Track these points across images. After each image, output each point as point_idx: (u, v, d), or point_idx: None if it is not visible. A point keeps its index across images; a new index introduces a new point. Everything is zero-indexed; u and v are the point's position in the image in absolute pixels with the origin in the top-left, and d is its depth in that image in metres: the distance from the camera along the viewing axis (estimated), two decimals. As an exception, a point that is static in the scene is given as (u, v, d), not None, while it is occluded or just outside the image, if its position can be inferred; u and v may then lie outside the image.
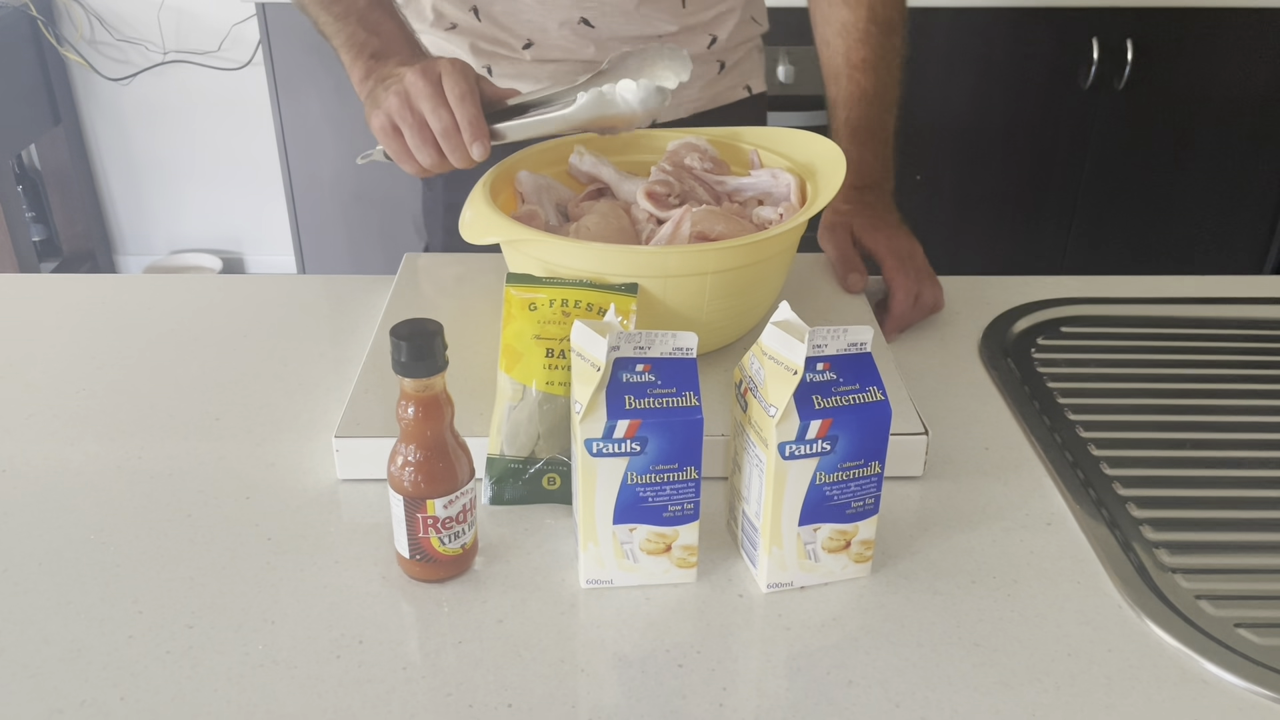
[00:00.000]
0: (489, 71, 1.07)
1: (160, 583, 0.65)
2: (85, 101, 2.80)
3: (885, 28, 1.06)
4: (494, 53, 1.06)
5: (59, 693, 0.57)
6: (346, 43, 0.90)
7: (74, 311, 0.97)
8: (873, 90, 1.05)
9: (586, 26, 1.04)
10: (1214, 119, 2.38)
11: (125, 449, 0.77)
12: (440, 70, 0.81)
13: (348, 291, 1.02)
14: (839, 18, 1.07)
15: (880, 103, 1.05)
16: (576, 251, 0.75)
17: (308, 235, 2.63)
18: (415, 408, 0.61)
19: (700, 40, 1.10)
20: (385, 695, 0.57)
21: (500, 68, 1.07)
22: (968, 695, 0.58)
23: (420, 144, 0.82)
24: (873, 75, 1.05)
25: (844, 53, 1.06)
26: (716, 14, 1.11)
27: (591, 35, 1.05)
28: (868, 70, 1.05)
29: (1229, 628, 0.62)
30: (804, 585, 0.65)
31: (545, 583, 0.65)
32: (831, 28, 1.07)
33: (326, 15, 0.91)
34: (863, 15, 1.05)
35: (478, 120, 0.81)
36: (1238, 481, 0.76)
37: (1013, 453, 0.79)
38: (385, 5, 0.92)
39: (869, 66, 1.05)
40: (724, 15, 1.11)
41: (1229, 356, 0.92)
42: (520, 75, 1.07)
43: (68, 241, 2.90)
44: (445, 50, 1.09)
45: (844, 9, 1.06)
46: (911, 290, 0.94)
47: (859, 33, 1.05)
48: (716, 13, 1.11)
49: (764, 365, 0.62)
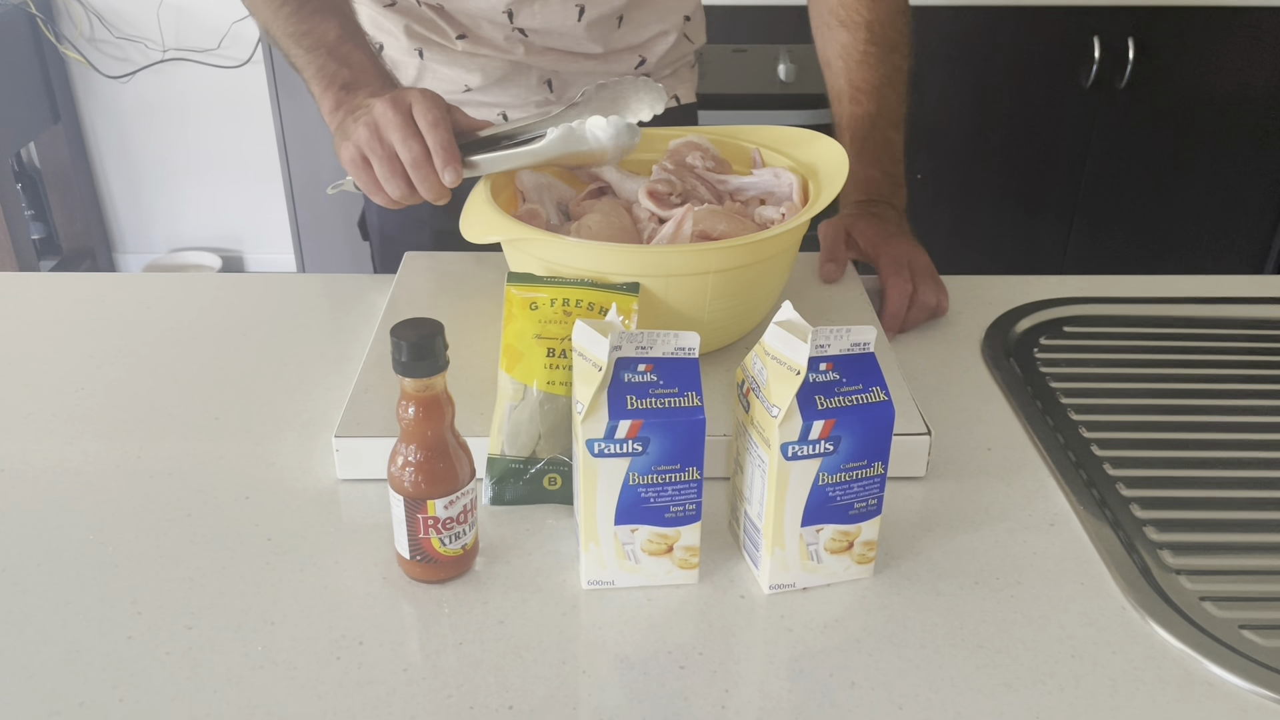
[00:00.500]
0: (420, 55, 1.07)
1: (159, 583, 0.64)
2: (85, 99, 2.80)
3: (885, 48, 1.06)
4: (427, 38, 1.06)
5: (57, 694, 0.57)
6: (316, 75, 0.89)
7: (73, 310, 0.97)
8: (876, 110, 1.05)
9: (520, 35, 1.04)
10: (1215, 118, 2.37)
11: (124, 448, 0.77)
12: (411, 100, 0.81)
13: (348, 290, 1.02)
14: (838, 40, 1.07)
15: (884, 122, 1.05)
16: (578, 251, 0.75)
17: (307, 234, 2.63)
18: (416, 407, 0.61)
19: (629, 60, 1.10)
20: (386, 696, 0.57)
21: (431, 53, 1.07)
22: (971, 697, 0.57)
23: (389, 175, 0.81)
24: (875, 96, 1.05)
25: (845, 75, 1.06)
26: (650, 36, 1.11)
27: (524, 41, 1.05)
28: (870, 92, 1.05)
29: (1233, 629, 0.62)
30: (806, 586, 0.65)
31: (546, 584, 0.65)
32: (832, 49, 1.08)
33: (297, 48, 0.90)
34: (861, 37, 1.05)
35: (450, 146, 0.80)
36: (1242, 482, 0.76)
37: (1016, 453, 0.78)
38: (356, 37, 0.91)
39: (871, 87, 1.05)
40: (658, 38, 1.11)
41: (1232, 356, 0.92)
42: (451, 63, 1.07)
43: (67, 240, 2.89)
44: (380, 26, 1.08)
45: (843, 31, 1.06)
46: (904, 291, 0.93)
47: (859, 54, 1.05)
48: (651, 35, 1.11)
49: (767, 365, 0.62)
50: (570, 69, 1.08)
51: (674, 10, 1.11)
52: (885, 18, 1.06)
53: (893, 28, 1.06)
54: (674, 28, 1.12)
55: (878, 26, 1.05)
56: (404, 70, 1.09)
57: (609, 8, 1.05)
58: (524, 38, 1.05)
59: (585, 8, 1.03)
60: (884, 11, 1.06)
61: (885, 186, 1.04)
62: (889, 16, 1.06)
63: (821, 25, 1.09)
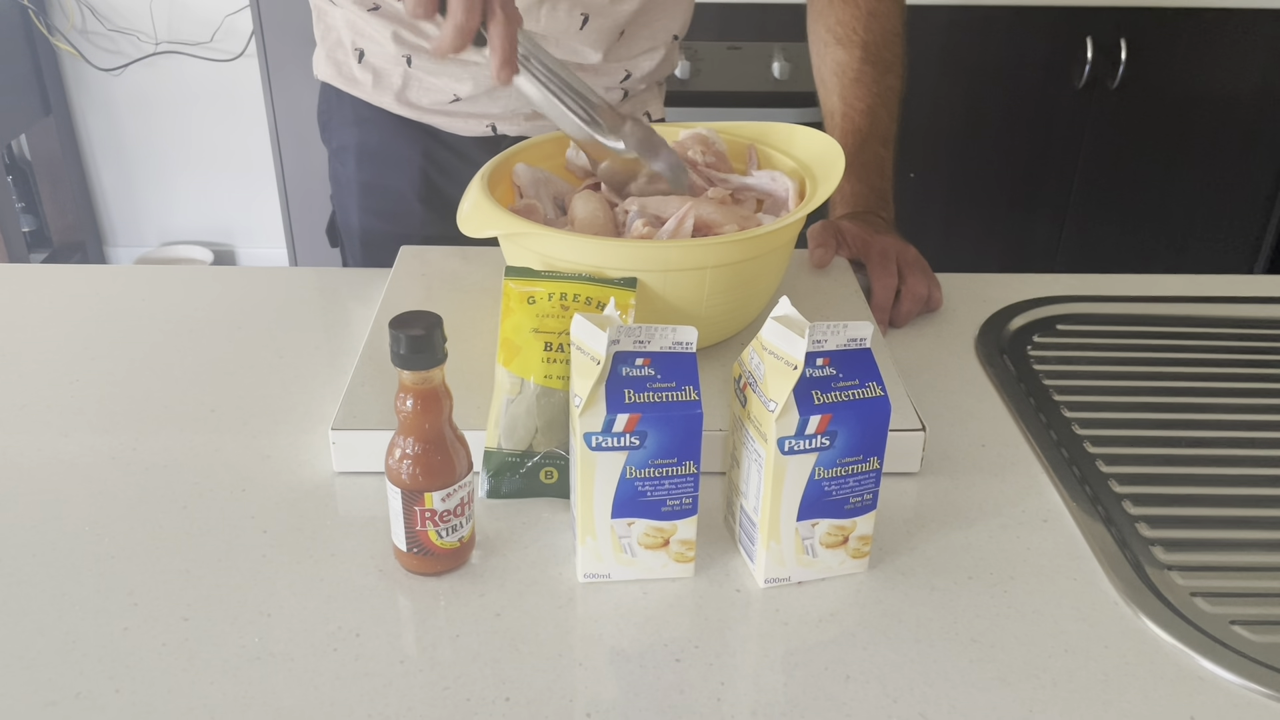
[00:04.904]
0: (408, 62, 1.07)
1: (155, 575, 0.64)
2: (76, 92, 2.79)
3: (880, 68, 1.06)
4: (416, 44, 1.06)
5: (53, 685, 0.57)
6: None
7: (67, 302, 0.97)
8: (867, 129, 1.06)
9: None
10: (1207, 118, 2.39)
11: (120, 441, 0.77)
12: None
13: (343, 284, 1.02)
14: (834, 58, 1.07)
15: (875, 139, 1.06)
16: (575, 245, 0.75)
17: (300, 228, 2.62)
18: (414, 400, 0.61)
19: (616, 74, 1.10)
20: (382, 688, 0.57)
21: (420, 61, 1.06)
22: (965, 691, 0.58)
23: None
24: (868, 115, 1.06)
25: (839, 92, 1.07)
26: (641, 52, 1.11)
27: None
28: (863, 110, 1.06)
29: (1224, 625, 0.62)
30: (801, 580, 0.65)
31: (543, 576, 0.65)
32: (828, 67, 1.08)
33: None
34: (856, 55, 1.06)
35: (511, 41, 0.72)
36: (1233, 479, 0.76)
37: (1009, 449, 0.79)
38: None
39: (864, 106, 1.06)
40: (648, 54, 1.12)
41: (1222, 355, 0.92)
42: (440, 72, 1.07)
43: (58, 233, 2.88)
44: (361, 32, 1.07)
45: (838, 49, 1.07)
46: (890, 285, 0.94)
47: (853, 73, 1.06)
48: (642, 50, 1.11)
49: (764, 360, 0.62)
50: None
51: (666, 29, 1.11)
52: (881, 39, 1.07)
53: (888, 49, 1.07)
54: (663, 45, 1.12)
55: (874, 47, 1.06)
56: (388, 79, 1.08)
57: (612, 20, 1.05)
58: None
59: (589, 17, 1.03)
60: (880, 33, 1.06)
61: (873, 200, 1.05)
62: (885, 38, 1.07)
63: (818, 43, 1.10)
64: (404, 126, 1.12)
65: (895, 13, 1.08)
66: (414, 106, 1.10)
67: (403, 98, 1.09)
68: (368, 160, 1.14)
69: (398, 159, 1.13)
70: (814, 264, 0.97)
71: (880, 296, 0.94)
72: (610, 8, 1.04)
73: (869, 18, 1.07)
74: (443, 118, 1.10)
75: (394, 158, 1.13)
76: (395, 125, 1.12)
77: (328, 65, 1.13)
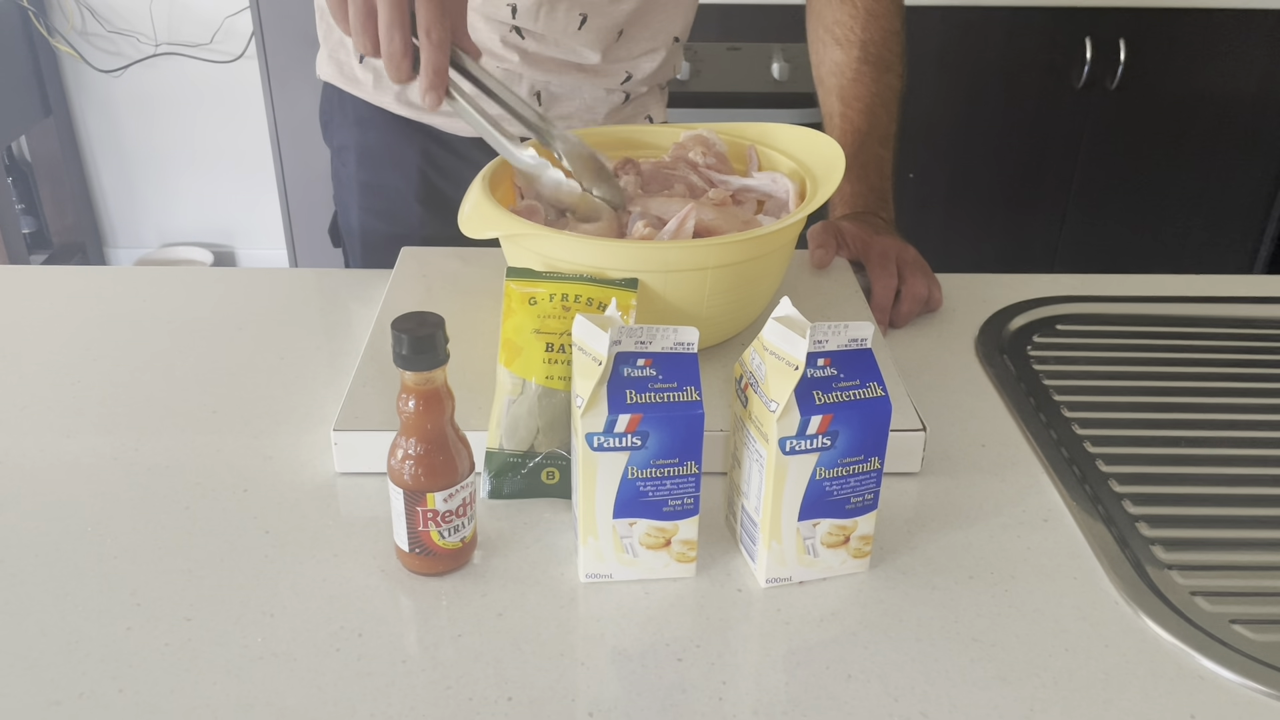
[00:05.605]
0: None
1: (158, 575, 0.65)
2: (76, 93, 2.79)
3: (879, 68, 1.06)
4: None
5: (56, 685, 0.57)
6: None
7: (68, 304, 0.97)
8: (866, 128, 1.06)
9: (517, 36, 1.04)
10: (1206, 119, 2.39)
11: (122, 441, 0.77)
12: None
13: (344, 285, 1.02)
14: (832, 57, 1.08)
15: (874, 139, 1.06)
16: (577, 246, 0.75)
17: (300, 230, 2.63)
18: (416, 401, 0.61)
19: (617, 76, 1.11)
20: (385, 688, 0.57)
21: None
22: (966, 690, 0.58)
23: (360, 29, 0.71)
24: (867, 115, 1.06)
25: (837, 92, 1.07)
26: (642, 53, 1.11)
27: (519, 45, 1.05)
28: (862, 110, 1.06)
29: (1224, 624, 0.63)
30: (803, 580, 0.65)
31: (544, 577, 0.65)
32: (825, 67, 1.09)
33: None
34: (854, 55, 1.06)
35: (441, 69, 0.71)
36: (1232, 479, 0.77)
37: (1009, 449, 0.79)
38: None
39: (863, 105, 1.06)
40: (648, 55, 1.12)
41: (1222, 355, 0.93)
42: None
43: (58, 234, 2.88)
44: None
45: (836, 49, 1.07)
46: (890, 285, 0.94)
47: (851, 73, 1.06)
48: (642, 51, 1.11)
49: (765, 360, 0.62)
50: (562, 81, 1.08)
51: (666, 30, 1.11)
52: (880, 38, 1.07)
53: (886, 48, 1.07)
54: (663, 46, 1.12)
55: (872, 47, 1.06)
56: (383, 80, 1.09)
57: (610, 20, 1.05)
58: (521, 40, 1.05)
59: (588, 16, 1.03)
60: (878, 32, 1.07)
61: (873, 201, 1.05)
62: (883, 37, 1.07)
63: (817, 43, 1.10)
64: (404, 127, 1.12)
65: (894, 12, 1.08)
66: (414, 106, 1.10)
67: (403, 98, 1.10)
68: (368, 160, 1.14)
69: (398, 159, 1.13)
70: (814, 264, 0.97)
71: (880, 297, 0.94)
72: (609, 7, 1.04)
73: (867, 17, 1.07)
74: (443, 118, 1.11)
75: (394, 158, 1.13)
76: (395, 125, 1.12)
77: (330, 65, 1.13)
